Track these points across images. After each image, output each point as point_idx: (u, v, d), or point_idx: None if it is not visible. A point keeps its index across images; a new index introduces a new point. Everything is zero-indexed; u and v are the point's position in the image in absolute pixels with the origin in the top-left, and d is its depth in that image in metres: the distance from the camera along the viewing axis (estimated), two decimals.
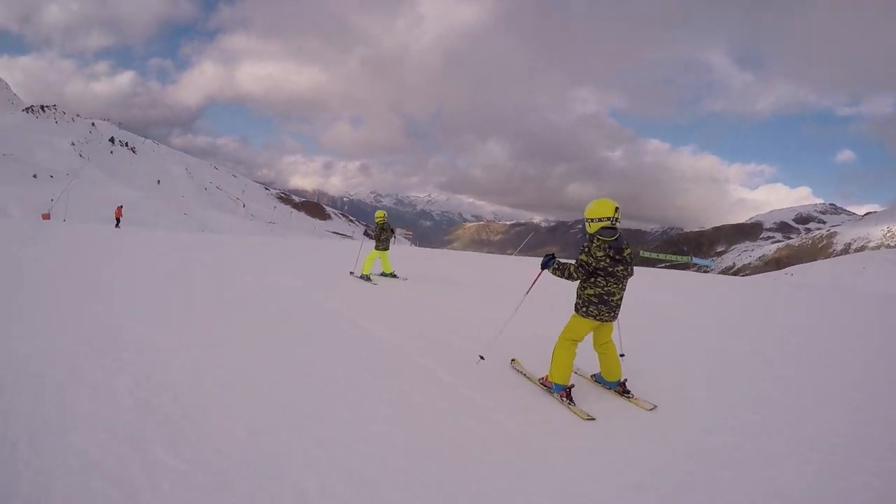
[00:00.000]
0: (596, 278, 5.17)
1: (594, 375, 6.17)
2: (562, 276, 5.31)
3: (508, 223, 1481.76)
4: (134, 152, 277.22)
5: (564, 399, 5.23)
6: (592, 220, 5.28)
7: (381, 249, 14.00)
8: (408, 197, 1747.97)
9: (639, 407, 5.41)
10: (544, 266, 5.51)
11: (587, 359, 6.23)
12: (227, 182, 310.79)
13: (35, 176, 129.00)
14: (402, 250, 29.82)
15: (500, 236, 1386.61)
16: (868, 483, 4.02)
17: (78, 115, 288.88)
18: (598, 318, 5.25)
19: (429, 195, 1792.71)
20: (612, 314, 5.30)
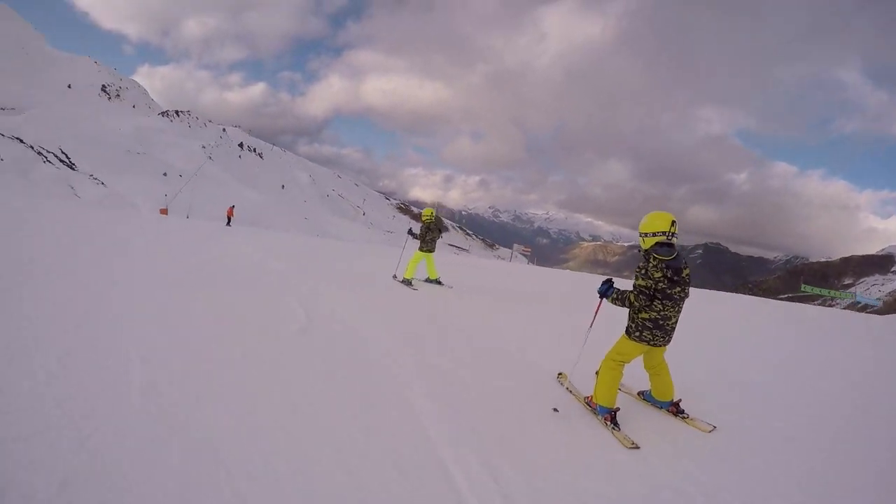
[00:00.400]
0: (652, 302, 4.82)
1: (642, 393, 6.06)
2: (622, 305, 5.06)
3: (626, 245, 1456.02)
4: (261, 157, 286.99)
5: (608, 423, 5.01)
6: (647, 235, 4.93)
7: (425, 251, 12.85)
8: (526, 213, 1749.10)
9: (695, 428, 5.27)
10: (602, 294, 5.21)
11: (634, 377, 6.18)
12: (349, 190, 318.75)
13: (165, 174, 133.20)
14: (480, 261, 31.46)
15: (616, 258, 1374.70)
16: None
17: (210, 121, 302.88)
18: (651, 343, 5.00)
19: (547, 213, 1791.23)
20: (667, 339, 5.06)
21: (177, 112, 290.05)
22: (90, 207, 34.78)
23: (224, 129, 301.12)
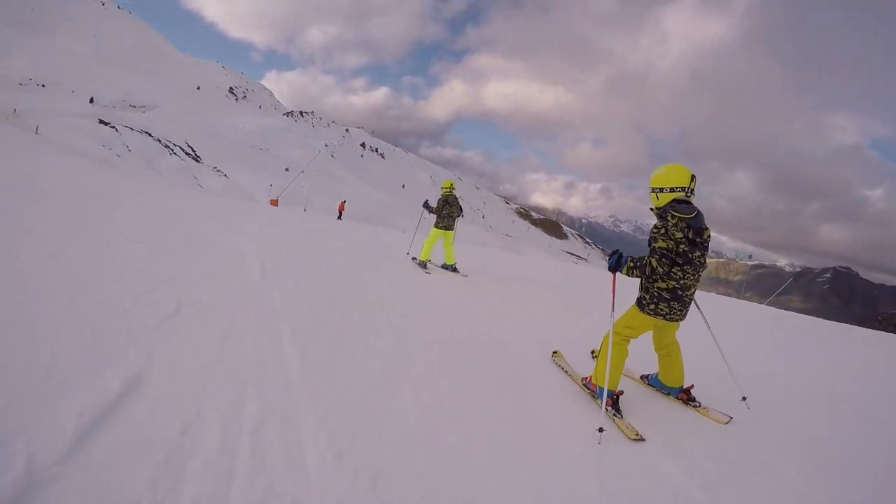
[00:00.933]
0: (672, 268, 4.14)
1: (646, 377, 5.29)
2: (642, 274, 4.25)
3: (750, 263, 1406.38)
4: (383, 157, 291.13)
5: (609, 409, 4.30)
6: (662, 191, 4.19)
7: (442, 228, 10.98)
8: (647, 224, 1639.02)
9: (709, 419, 4.59)
10: (614, 268, 4.35)
11: (640, 358, 5.41)
12: (469, 193, 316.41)
13: (287, 169, 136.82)
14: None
15: (738, 276, 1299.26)
16: None
17: (333, 122, 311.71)
18: (667, 317, 4.30)
19: None
20: (684, 312, 4.38)
21: (301, 113, 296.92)
22: (213, 196, 34.24)
23: (347, 130, 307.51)
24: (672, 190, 4.10)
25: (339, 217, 37.80)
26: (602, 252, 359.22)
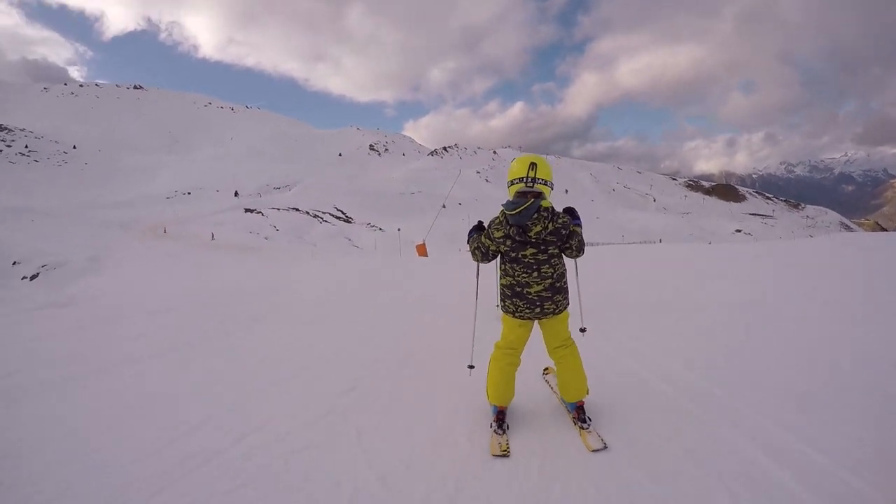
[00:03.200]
0: (504, 264, 3.96)
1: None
2: (472, 256, 4.17)
3: None
4: None
5: (493, 424, 3.97)
6: (509, 184, 3.89)
7: None
8: (822, 161, 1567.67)
9: (583, 443, 3.78)
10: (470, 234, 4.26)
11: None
12: (632, 180, 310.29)
13: (444, 206, 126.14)
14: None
15: None
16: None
17: (479, 148, 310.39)
18: (515, 314, 3.95)
19: (845, 154, 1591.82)
20: (533, 310, 3.89)
21: (445, 148, 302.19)
22: (361, 257, 34.88)
23: (495, 152, 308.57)
24: (512, 183, 3.77)
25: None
26: (786, 205, 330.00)
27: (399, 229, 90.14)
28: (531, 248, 3.72)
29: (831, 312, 7.15)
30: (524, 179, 3.65)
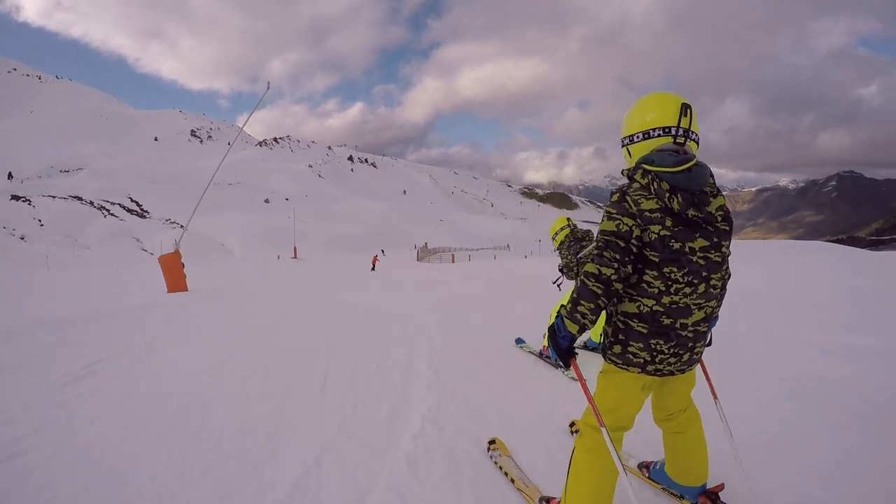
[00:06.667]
0: (641, 275, 2.25)
1: (646, 466, 3.14)
2: (579, 298, 2.22)
3: (754, 190, 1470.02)
4: (375, 167, 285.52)
5: None
6: (632, 140, 2.36)
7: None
8: None
9: None
10: (564, 349, 2.33)
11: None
12: (469, 185, 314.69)
13: (267, 200, 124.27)
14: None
15: (747, 205, 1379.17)
16: None
17: (314, 142, 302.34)
18: (649, 367, 2.30)
19: None
20: (682, 357, 2.32)
21: (275, 139, 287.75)
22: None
23: (329, 147, 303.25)
24: (647, 135, 2.27)
25: (373, 268, 34.20)
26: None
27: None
28: (701, 239, 2.18)
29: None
30: (672, 130, 2.20)
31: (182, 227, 76.77)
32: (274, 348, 6.63)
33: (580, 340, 6.54)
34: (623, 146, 2.42)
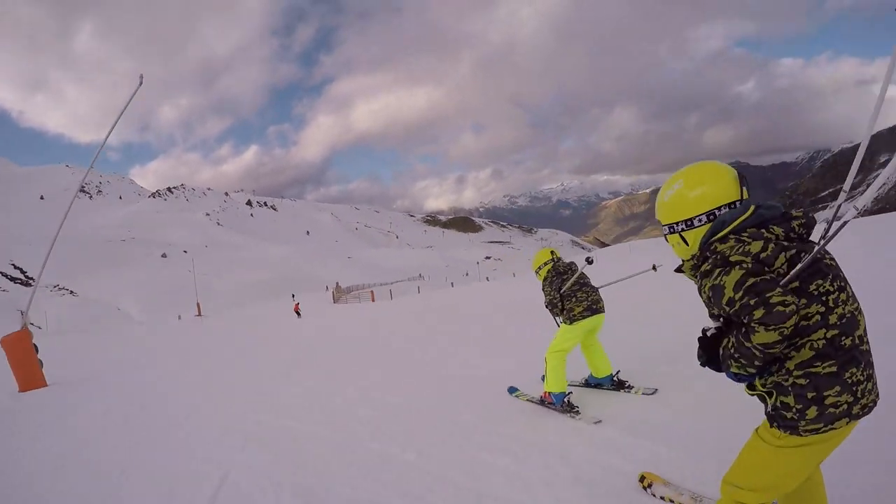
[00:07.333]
0: (804, 337, 1.99)
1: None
2: (745, 362, 2.03)
3: (649, 191, 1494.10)
4: (275, 210, 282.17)
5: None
6: (691, 225, 2.20)
7: (586, 316, 5.60)
8: (541, 191, 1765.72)
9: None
10: (709, 361, 2.24)
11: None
12: (371, 218, 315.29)
13: (164, 255, 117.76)
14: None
15: (644, 206, 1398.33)
16: None
17: (209, 189, 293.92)
18: (854, 409, 1.99)
19: (561, 184, 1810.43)
20: (873, 381, 2.07)
21: (169, 189, 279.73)
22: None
23: (227, 193, 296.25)
24: (708, 216, 2.13)
25: (299, 315, 34.84)
26: (520, 230, 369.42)
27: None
28: (819, 279, 1.96)
29: None
30: (736, 204, 2.11)
31: (72, 293, 73.00)
32: None
33: (579, 378, 6.30)
34: (672, 232, 2.32)
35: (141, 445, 5.73)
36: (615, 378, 5.72)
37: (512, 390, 6.08)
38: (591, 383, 6.11)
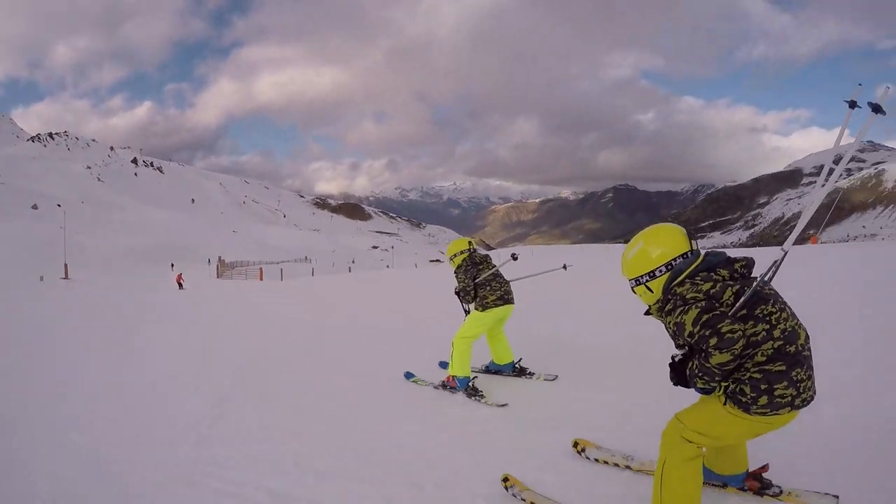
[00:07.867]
0: (757, 342, 2.54)
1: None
2: (708, 378, 2.60)
3: (538, 201, 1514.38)
4: (161, 172, 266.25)
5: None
6: (652, 276, 2.76)
7: (499, 305, 5.89)
8: (433, 188, 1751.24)
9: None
10: (679, 381, 2.85)
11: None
12: (261, 194, 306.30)
13: (35, 206, 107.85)
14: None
15: (531, 215, 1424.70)
16: None
17: (94, 140, 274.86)
18: (797, 401, 2.52)
19: (454, 183, 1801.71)
20: (812, 380, 2.61)
21: (51, 135, 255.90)
22: None
23: (112, 148, 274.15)
24: (668, 266, 2.68)
25: (181, 287, 33.03)
26: (409, 223, 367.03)
27: None
28: (763, 304, 2.52)
29: None
30: (686, 254, 2.67)
31: None
32: None
33: (481, 364, 6.46)
34: (639, 284, 2.84)
35: None
36: (517, 365, 6.04)
37: (409, 376, 6.24)
38: (492, 370, 6.42)
